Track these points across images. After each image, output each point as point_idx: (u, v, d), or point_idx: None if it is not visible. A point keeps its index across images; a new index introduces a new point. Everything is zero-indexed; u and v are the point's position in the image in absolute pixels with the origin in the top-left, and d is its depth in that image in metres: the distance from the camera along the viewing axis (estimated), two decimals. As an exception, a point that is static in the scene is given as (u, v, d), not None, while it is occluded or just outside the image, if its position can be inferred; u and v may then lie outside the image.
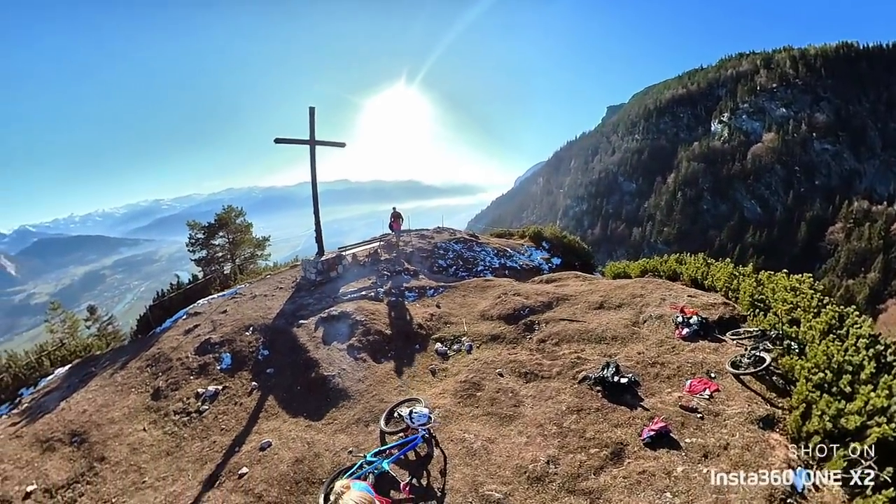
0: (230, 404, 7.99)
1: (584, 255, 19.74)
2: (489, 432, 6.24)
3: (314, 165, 13.98)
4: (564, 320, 9.43)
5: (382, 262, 15.39)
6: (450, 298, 12.25)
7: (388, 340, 9.68)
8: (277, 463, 5.90)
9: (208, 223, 20.08)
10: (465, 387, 7.42)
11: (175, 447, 7.20)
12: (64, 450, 7.71)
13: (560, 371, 7.52)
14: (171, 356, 10.16)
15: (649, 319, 8.86)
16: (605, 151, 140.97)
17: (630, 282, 11.28)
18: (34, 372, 13.32)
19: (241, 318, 11.22)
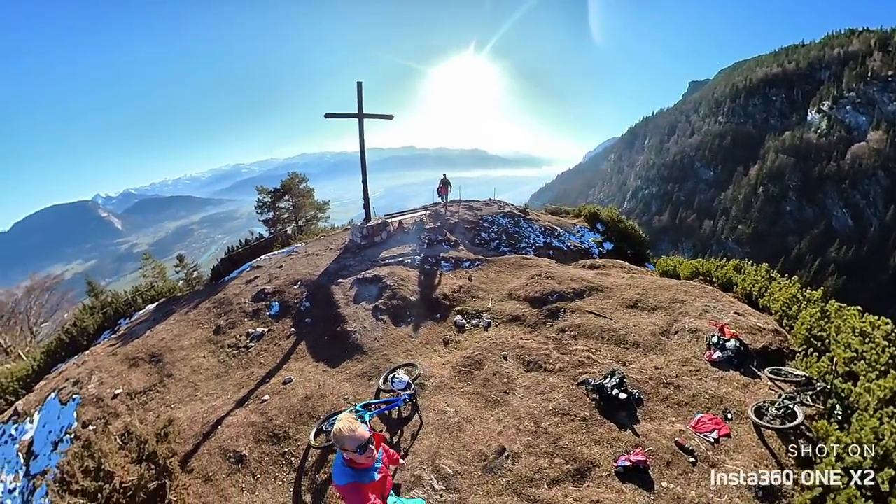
0: (271, 344, 9.32)
1: (639, 244, 18.54)
2: (470, 411, 6.42)
3: (362, 137, 14.75)
4: (591, 313, 9.00)
5: (426, 230, 16.00)
6: (483, 273, 12.30)
7: (411, 306, 10.13)
8: (291, 396, 7.01)
9: (274, 188, 22.17)
10: (466, 362, 7.62)
11: (223, 373, 8.73)
12: (144, 366, 9.65)
13: (564, 367, 7.23)
14: (232, 301, 11.86)
15: (681, 331, 7.98)
16: (683, 132, 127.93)
17: (675, 283, 10.21)
18: (130, 307, 16.24)
19: (292, 273, 12.66)
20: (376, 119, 15.38)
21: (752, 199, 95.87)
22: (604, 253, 17.58)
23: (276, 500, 5.36)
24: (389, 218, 17.16)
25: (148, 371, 9.51)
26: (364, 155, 15.15)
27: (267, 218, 22.45)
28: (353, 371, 7.95)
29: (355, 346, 8.65)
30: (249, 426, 6.46)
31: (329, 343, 8.96)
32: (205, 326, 11.10)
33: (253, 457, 5.98)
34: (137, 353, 10.32)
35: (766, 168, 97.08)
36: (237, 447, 6.13)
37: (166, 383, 8.75)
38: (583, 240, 18.37)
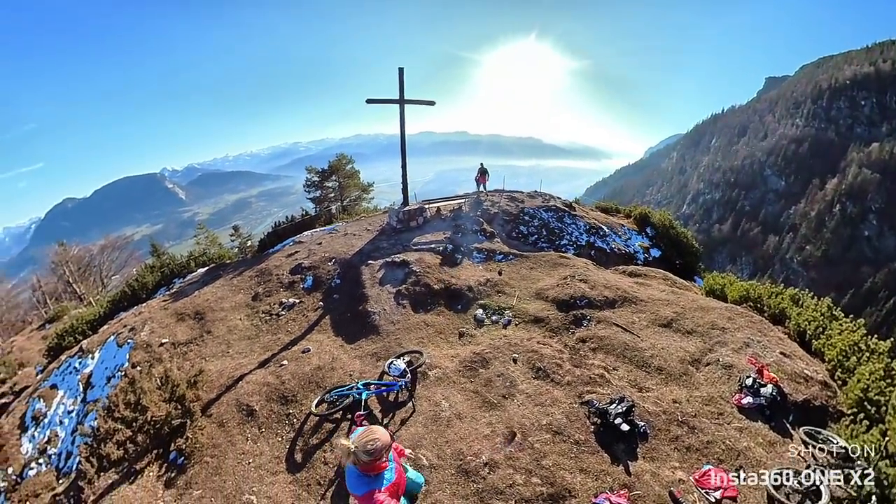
0: (299, 315, 10.00)
1: (690, 254, 17.22)
2: (464, 409, 6.46)
3: (403, 123, 14.99)
4: (618, 326, 8.47)
5: (462, 219, 15.95)
6: (514, 268, 12.01)
7: (433, 294, 10.20)
8: (305, 364, 7.59)
9: (322, 168, 23.28)
10: (474, 358, 7.60)
11: (254, 335, 9.55)
12: (189, 321, 10.75)
13: (572, 382, 6.88)
14: (272, 271, 12.78)
15: (714, 364, 7.18)
16: (755, 133, 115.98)
17: (719, 306, 9.14)
18: (184, 269, 17.92)
19: (329, 251, 13.37)
20: (419, 105, 15.57)
21: (826, 218, 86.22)
22: (649, 260, 16.44)
23: (273, 453, 5.98)
24: (427, 204, 17.35)
25: (191, 326, 10.60)
26: (404, 140, 15.38)
27: (314, 196, 23.67)
28: (366, 350, 8.37)
29: (372, 326, 9.06)
30: (264, 385, 7.14)
31: (350, 320, 9.45)
32: (245, 292, 12.09)
33: (262, 412, 6.66)
34: (184, 310, 11.49)
35: (846, 183, 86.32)
36: (250, 402, 6.83)
37: (205, 338, 9.75)
38: (629, 243, 17.27)
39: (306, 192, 23.62)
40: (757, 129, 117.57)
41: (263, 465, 5.79)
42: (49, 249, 28.25)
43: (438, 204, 17.74)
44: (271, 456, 5.91)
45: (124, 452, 5.81)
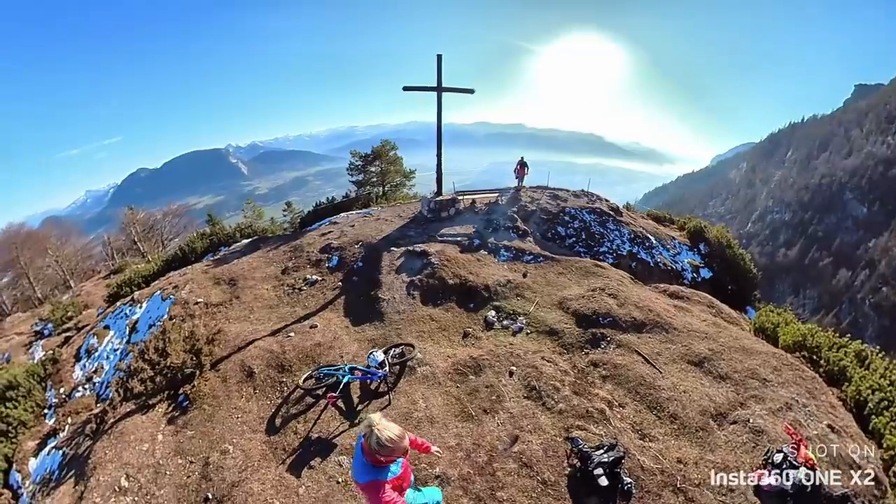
0: (319, 292, 10.75)
1: (745, 281, 15.80)
2: (438, 413, 6.37)
3: (440, 111, 15.18)
4: (639, 355, 7.71)
5: (496, 214, 15.62)
6: (541, 271, 11.53)
7: (447, 289, 10.12)
8: (308, 339, 8.22)
9: (365, 153, 24.28)
10: (468, 363, 7.42)
11: (276, 305, 10.41)
12: (223, 286, 11.88)
13: (565, 410, 6.33)
14: (304, 248, 13.72)
15: (741, 423, 6.09)
16: (838, 149, 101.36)
17: (765, 350, 7.90)
18: (230, 239, 19.51)
19: (358, 234, 14.09)
20: (457, 93, 15.71)
21: (914, 258, 74.57)
22: (697, 280, 15.27)
23: (259, 413, 6.69)
24: (462, 195, 17.54)
25: (224, 290, 11.72)
26: (440, 129, 15.60)
27: (356, 180, 24.76)
28: (367, 335, 8.71)
29: (379, 312, 9.35)
30: (268, 352, 7.87)
31: (361, 303, 9.91)
32: (277, 265, 13.11)
33: (260, 376, 7.39)
34: (221, 275, 12.68)
35: (944, 218, 74.50)
36: (252, 365, 7.58)
37: (233, 302, 10.76)
38: (677, 259, 16.24)
39: (349, 175, 24.74)
40: (840, 144, 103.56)
41: (248, 422, 6.50)
42: (120, 211, 31.62)
43: (474, 196, 17.88)
44: (257, 416, 6.64)
45: (144, 388, 6.88)
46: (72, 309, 16.70)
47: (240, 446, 6.02)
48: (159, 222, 33.18)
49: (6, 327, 17.94)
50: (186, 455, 6.03)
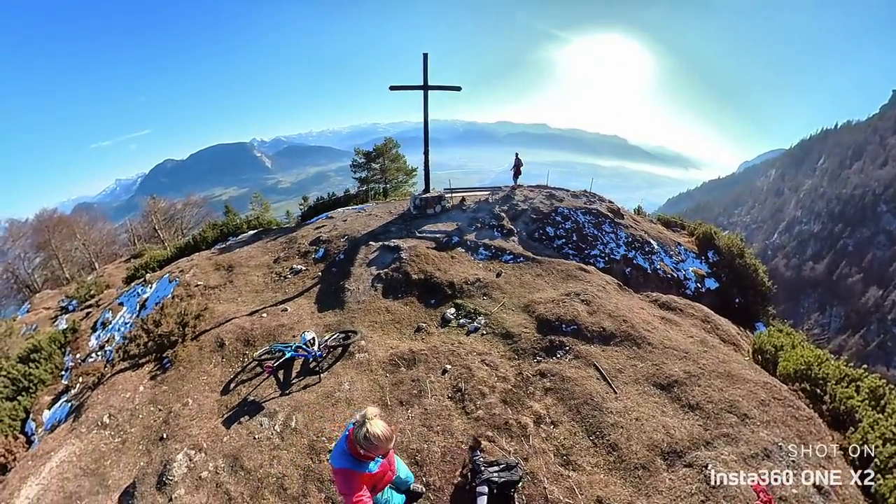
0: (300, 280, 11.96)
1: (756, 294, 14.51)
2: (358, 397, 6.73)
3: (426, 109, 15.77)
4: (597, 370, 7.05)
5: (483, 212, 15.63)
6: (518, 272, 11.22)
7: (409, 283, 10.42)
8: (275, 320, 9.37)
9: (368, 150, 25.54)
10: (406, 356, 7.61)
11: (261, 290, 11.72)
12: (222, 271, 13.28)
13: (482, 418, 6.09)
14: (297, 240, 14.98)
15: (696, 469, 5.12)
16: (873, 158, 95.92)
17: (754, 379, 6.71)
18: (237, 230, 21.07)
19: (347, 229, 15.20)
20: (444, 90, 16.23)
21: (951, 279, 70.09)
22: (701, 291, 14.23)
23: (220, 378, 7.94)
24: (452, 193, 18.06)
25: (222, 275, 13.12)
26: (427, 126, 16.16)
27: (359, 176, 26.07)
28: (327, 320, 9.51)
29: (341, 301, 10.12)
30: (240, 328, 9.11)
31: (331, 292, 10.80)
32: (271, 255, 14.43)
33: (229, 347, 8.63)
34: (221, 262, 14.10)
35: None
36: (225, 338, 8.84)
37: (227, 286, 12.14)
38: (680, 266, 15.18)
39: (352, 171, 26.04)
40: (876, 153, 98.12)
41: (210, 384, 7.75)
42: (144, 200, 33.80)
43: (464, 193, 18.19)
44: (218, 379, 7.90)
45: (139, 351, 8.37)
46: (94, 288, 18.50)
47: (198, 401, 7.31)
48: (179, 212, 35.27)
49: (36, 302, 20.02)
50: (157, 404, 7.44)
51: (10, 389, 9.61)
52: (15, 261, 28.57)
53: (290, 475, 5.48)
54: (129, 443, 6.77)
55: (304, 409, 6.60)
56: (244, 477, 5.58)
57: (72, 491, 5.98)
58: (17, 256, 28.80)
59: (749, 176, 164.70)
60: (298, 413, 6.54)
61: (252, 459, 5.80)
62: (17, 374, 9.94)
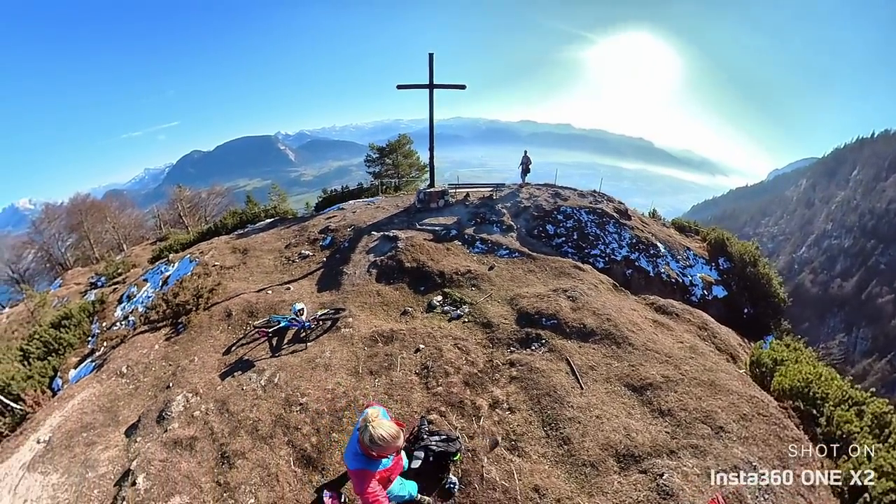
0: (306, 264, 12.89)
1: (768, 305, 13.71)
2: (335, 364, 7.43)
3: (432, 107, 16.34)
4: (568, 365, 7.12)
5: (485, 208, 16.05)
6: (511, 267, 11.47)
7: (401, 271, 11.09)
8: (278, 297, 10.29)
9: (381, 146, 26.47)
10: (385, 333, 8.18)
11: (270, 272, 12.71)
12: (237, 254, 14.31)
13: (440, 394, 6.48)
14: (308, 229, 15.96)
15: (651, 475, 5.03)
16: None
17: (742, 392, 6.40)
18: (256, 218, 22.22)
19: (355, 219, 16.09)
20: (450, 89, 16.69)
21: None
22: (707, 298, 13.82)
23: (224, 342, 8.90)
24: (456, 188, 18.75)
25: (237, 257, 14.16)
26: (433, 124, 16.78)
27: (373, 171, 27.03)
28: (322, 299, 10.34)
29: (338, 283, 10.98)
30: (246, 302, 10.10)
31: (331, 276, 11.63)
32: (283, 241, 15.43)
33: (235, 317, 9.62)
34: (238, 246, 15.16)
35: None
36: (232, 309, 9.84)
37: (240, 267, 13.17)
38: (687, 271, 14.74)
39: (366, 165, 27.02)
40: None
41: (215, 346, 8.76)
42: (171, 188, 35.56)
43: (468, 189, 18.80)
44: (223, 343, 8.89)
45: (158, 317, 9.41)
46: (122, 267, 19.93)
47: (202, 359, 8.33)
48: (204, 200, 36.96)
49: (67, 278, 21.67)
50: (168, 360, 8.54)
51: (41, 350, 10.83)
52: (50, 240, 30.75)
53: (263, 420, 6.41)
54: (141, 390, 7.89)
55: (287, 370, 7.48)
56: (227, 418, 6.58)
57: (88, 422, 7.10)
58: (52, 236, 30.97)
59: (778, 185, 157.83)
60: (282, 372, 7.44)
61: (236, 405, 6.78)
62: (48, 337, 11.16)
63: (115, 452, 6.40)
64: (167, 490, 5.42)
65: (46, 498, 5.73)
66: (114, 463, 6.18)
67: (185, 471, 5.69)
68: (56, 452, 6.51)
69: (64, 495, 5.72)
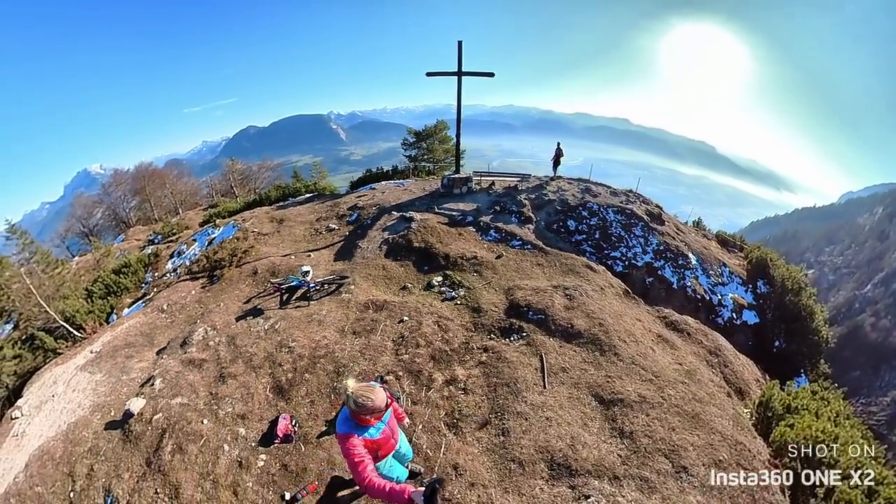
0: (331, 236, 14.14)
1: (805, 341, 12.29)
2: (327, 321, 8.37)
3: (460, 95, 16.53)
4: (541, 362, 6.99)
5: (507, 197, 16.05)
6: (518, 258, 11.51)
7: (409, 250, 11.70)
8: (298, 261, 11.63)
9: (418, 131, 27.34)
10: (377, 303, 8.93)
11: (299, 240, 14.10)
12: (274, 223, 15.82)
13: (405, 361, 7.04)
14: (340, 205, 17.23)
15: (577, 492, 4.80)
16: None
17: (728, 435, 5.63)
18: (297, 192, 23.93)
19: (382, 200, 17.11)
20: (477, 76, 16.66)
21: None
22: (736, 323, 12.44)
23: (247, 293, 10.43)
24: (482, 176, 19.04)
25: (273, 226, 15.67)
26: (460, 111, 17.08)
27: (409, 154, 27.95)
28: (334, 267, 11.37)
29: (351, 255, 11.96)
30: (272, 263, 11.50)
31: (347, 248, 12.71)
32: (315, 214, 16.81)
33: (260, 275, 11.05)
34: (275, 216, 16.70)
35: None
36: (258, 268, 11.30)
37: (274, 235, 14.65)
38: (717, 289, 13.43)
39: (403, 149, 27.99)
40: None
41: (238, 296, 10.25)
42: (225, 161, 38.36)
43: (494, 178, 19.00)
44: (245, 294, 10.36)
45: (198, 269, 11.02)
46: (176, 228, 22.24)
47: (226, 305, 9.88)
48: (254, 173, 39.58)
49: (129, 234, 24.50)
50: (201, 303, 10.21)
51: (102, 291, 12.88)
52: (116, 201, 34.66)
53: (258, 355, 7.64)
54: (175, 323, 9.62)
55: (287, 320, 8.66)
56: (232, 349, 7.96)
57: (130, 342, 9.00)
58: (118, 198, 34.85)
59: (850, 210, 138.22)
60: (283, 321, 8.63)
61: (242, 341, 8.16)
62: (109, 281, 13.17)
63: (145, 364, 8.10)
64: (174, 392, 6.92)
65: (90, 389, 7.56)
66: (143, 371, 7.86)
67: (190, 381, 7.17)
68: (102, 360, 8.35)
69: (102, 388, 7.55)
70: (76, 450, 6.23)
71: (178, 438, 5.99)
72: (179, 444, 5.91)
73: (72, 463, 6.04)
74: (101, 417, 6.82)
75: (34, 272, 12.26)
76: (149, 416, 6.46)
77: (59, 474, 5.91)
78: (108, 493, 5.51)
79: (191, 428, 6.15)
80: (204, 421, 6.29)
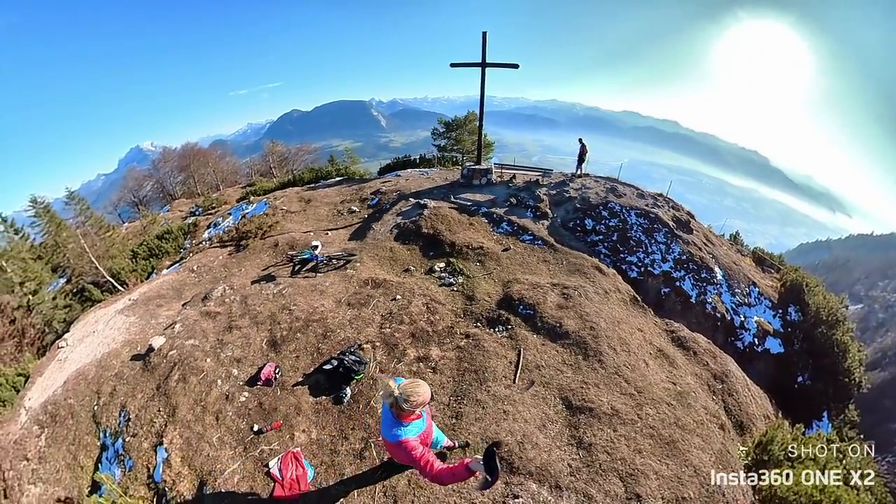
0: (350, 218, 15.02)
1: (833, 384, 11.28)
2: (329, 291, 9.22)
3: (483, 86, 16.72)
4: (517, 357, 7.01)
5: (525, 192, 16.02)
6: (525, 252, 11.48)
7: (417, 235, 12.17)
8: (314, 239, 12.39)
9: (448, 121, 27.95)
10: (377, 281, 9.54)
11: (322, 220, 15.06)
12: (302, 203, 16.88)
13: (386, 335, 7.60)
14: (365, 189, 18.16)
15: (500, 494, 4.69)
16: None
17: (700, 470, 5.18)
18: (328, 175, 25.17)
19: (403, 186, 17.74)
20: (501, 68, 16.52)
21: None
22: (756, 349, 11.54)
23: (266, 262, 11.53)
24: (504, 169, 19.36)
25: (300, 205, 16.81)
26: (483, 102, 17.35)
27: (439, 144, 28.66)
28: (346, 246, 12.15)
29: (364, 236, 12.79)
30: (292, 238, 12.57)
31: (362, 230, 13.43)
32: (341, 196, 17.84)
33: (280, 248, 12.16)
34: (304, 197, 17.85)
35: None
36: (280, 241, 12.42)
37: (300, 213, 15.75)
38: (741, 310, 12.59)
39: (432, 138, 28.72)
40: None
41: (259, 264, 11.39)
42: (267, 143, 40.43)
43: (516, 171, 19.39)
44: (265, 262, 11.46)
45: (228, 239, 12.35)
46: (215, 202, 24.05)
47: (247, 270, 11.15)
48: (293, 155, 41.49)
49: (174, 206, 26.73)
50: (226, 267, 11.57)
51: (146, 253, 14.56)
52: (164, 176, 37.93)
53: (263, 313, 8.63)
54: (202, 282, 10.99)
55: (294, 287, 9.62)
56: (243, 307, 9.02)
57: (162, 294, 10.49)
58: (166, 173, 38.14)
59: None
60: (291, 288, 9.58)
61: (252, 300, 9.20)
62: (153, 245, 14.80)
63: (171, 313, 9.57)
64: (189, 334, 8.16)
65: (123, 328, 9.16)
66: (168, 318, 9.24)
67: (203, 328, 8.37)
68: (137, 306, 9.98)
69: (134, 328, 9.10)
70: (105, 374, 7.62)
71: (184, 371, 7.14)
72: (184, 375, 7.06)
73: (100, 383, 7.42)
74: (129, 350, 8.23)
75: (88, 234, 14.00)
76: (165, 352, 7.71)
77: (89, 391, 7.31)
78: (123, 408, 6.79)
79: (196, 364, 7.28)
80: (207, 360, 7.41)
